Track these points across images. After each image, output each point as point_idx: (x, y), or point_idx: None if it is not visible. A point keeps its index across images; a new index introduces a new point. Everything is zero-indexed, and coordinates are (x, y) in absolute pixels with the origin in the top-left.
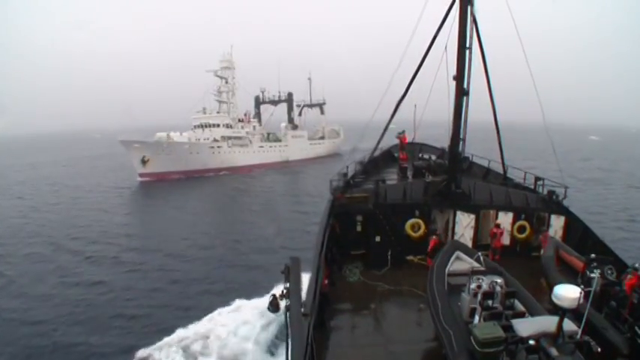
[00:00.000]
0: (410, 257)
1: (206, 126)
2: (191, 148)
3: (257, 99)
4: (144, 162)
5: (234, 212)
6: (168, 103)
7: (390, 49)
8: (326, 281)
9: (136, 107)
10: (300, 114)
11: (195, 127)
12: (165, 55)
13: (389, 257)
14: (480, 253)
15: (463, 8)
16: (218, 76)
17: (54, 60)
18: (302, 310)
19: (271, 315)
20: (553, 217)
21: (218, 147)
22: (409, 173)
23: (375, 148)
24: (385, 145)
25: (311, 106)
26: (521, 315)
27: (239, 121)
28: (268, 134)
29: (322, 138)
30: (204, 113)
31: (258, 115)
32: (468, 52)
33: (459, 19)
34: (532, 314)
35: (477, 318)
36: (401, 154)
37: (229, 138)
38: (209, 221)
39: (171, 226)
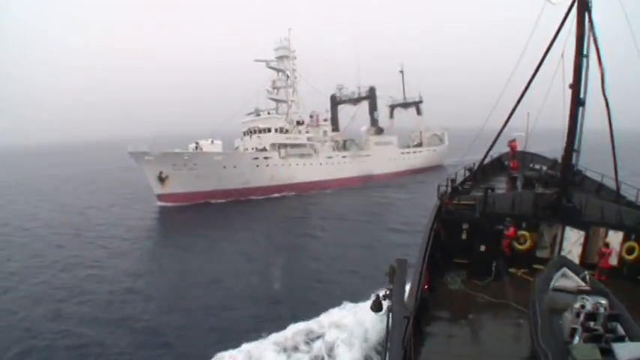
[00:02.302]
0: (513, 270)
1: (254, 131)
2: (225, 160)
3: (333, 98)
4: (161, 180)
5: (279, 263)
6: (219, 111)
7: (500, 50)
8: (426, 286)
9: (182, 117)
10: (391, 116)
11: (244, 133)
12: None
13: (492, 268)
14: (586, 272)
15: (580, 14)
16: (272, 67)
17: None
18: (404, 312)
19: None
20: None
21: (265, 158)
22: (519, 183)
23: (486, 156)
24: (495, 152)
25: (405, 105)
26: (621, 339)
27: (298, 124)
28: (345, 141)
29: (420, 145)
30: (258, 115)
31: (334, 117)
32: (585, 60)
33: (577, 26)
34: (633, 339)
35: (576, 338)
36: (511, 163)
37: (284, 146)
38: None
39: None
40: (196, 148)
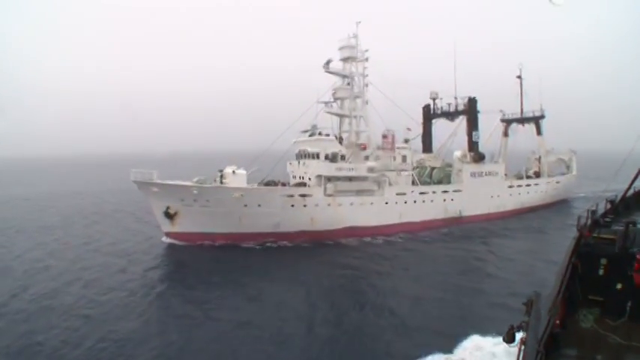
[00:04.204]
0: None
1: (302, 156)
2: (247, 197)
3: (426, 110)
4: (169, 215)
5: None
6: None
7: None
8: (558, 322)
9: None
10: (506, 134)
11: (296, 156)
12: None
13: (627, 309)
14: None
15: None
16: (331, 72)
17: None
18: (536, 346)
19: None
20: None
21: (302, 196)
22: None
23: (630, 187)
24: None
25: (522, 120)
26: None
27: (360, 148)
28: (432, 169)
29: (537, 175)
30: (312, 135)
31: (427, 134)
32: None
33: None
34: None
35: None
36: None
37: (334, 179)
38: None
39: None
40: (221, 177)
